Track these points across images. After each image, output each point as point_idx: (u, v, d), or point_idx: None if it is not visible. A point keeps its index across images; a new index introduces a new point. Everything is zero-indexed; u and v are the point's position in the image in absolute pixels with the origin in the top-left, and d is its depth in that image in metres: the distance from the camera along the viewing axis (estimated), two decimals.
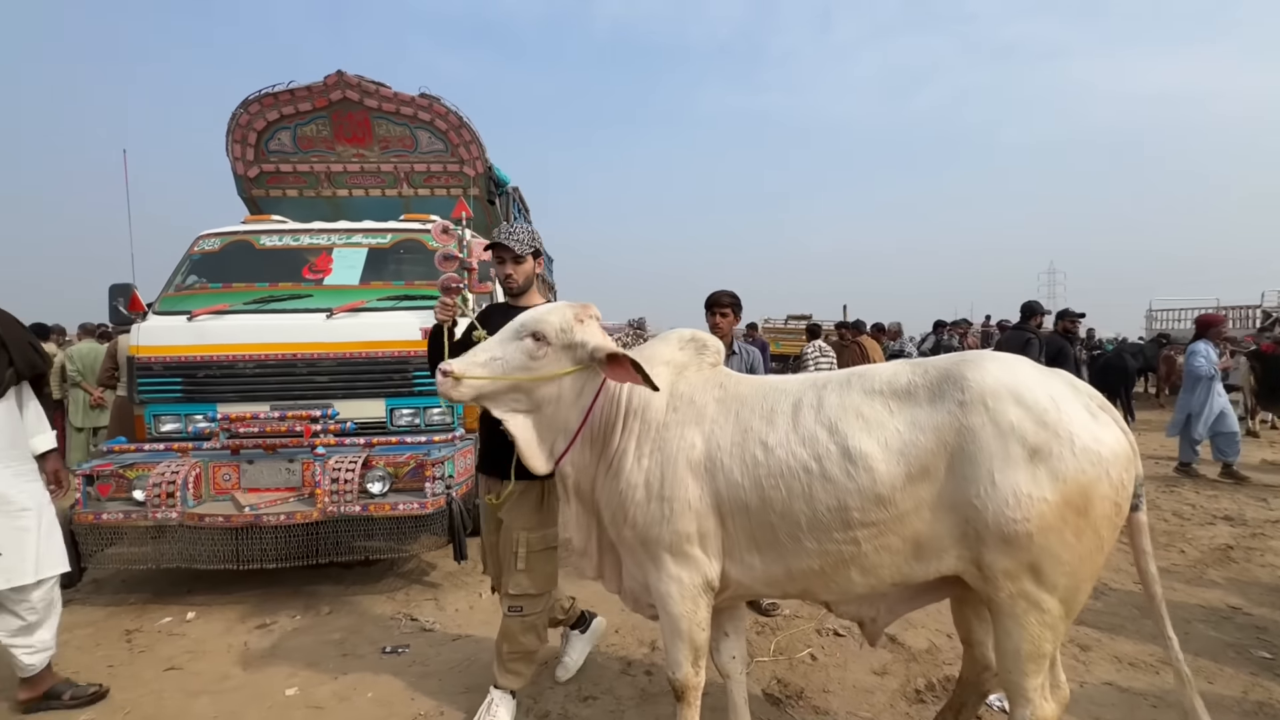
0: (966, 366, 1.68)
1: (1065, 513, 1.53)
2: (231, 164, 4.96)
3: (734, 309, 3.36)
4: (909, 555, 1.69)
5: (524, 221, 6.80)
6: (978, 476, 1.57)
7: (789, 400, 1.81)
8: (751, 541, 1.80)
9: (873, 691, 2.58)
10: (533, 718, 2.42)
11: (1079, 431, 1.56)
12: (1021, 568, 1.57)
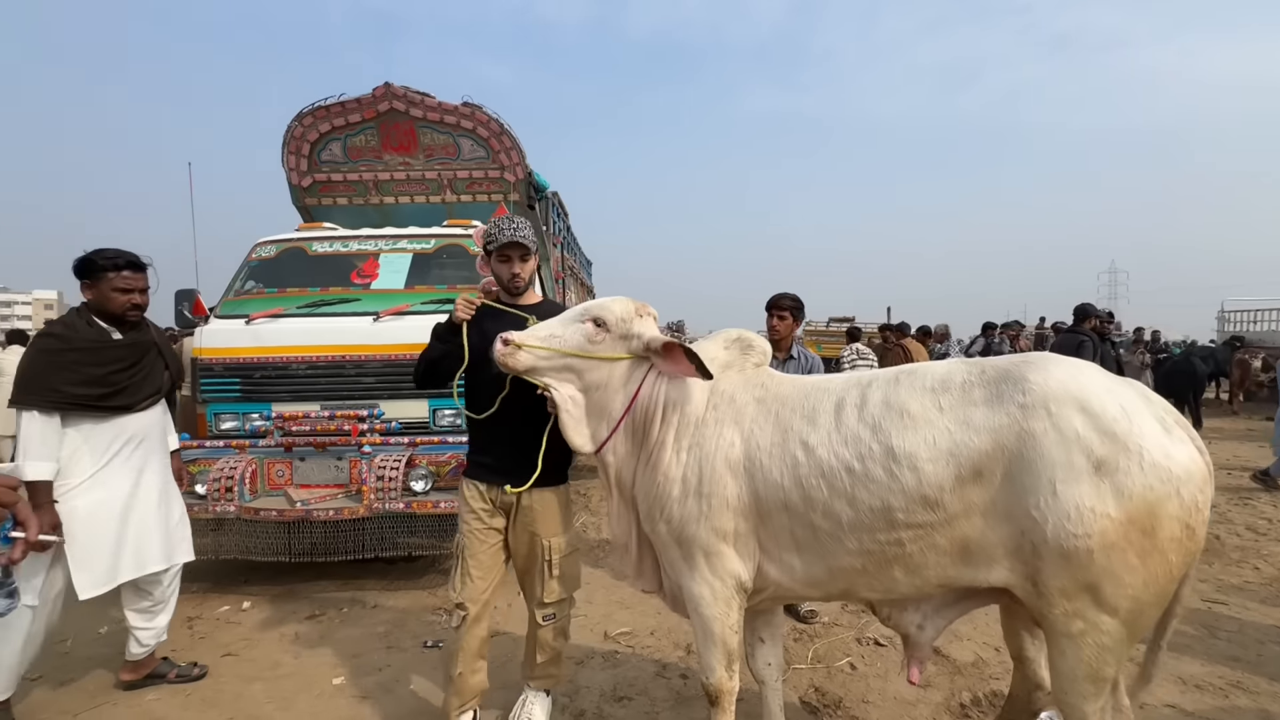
0: (1029, 368, 1.60)
1: (1130, 532, 1.44)
2: (286, 174, 5.18)
3: (793, 312, 3.30)
4: (956, 559, 1.62)
5: (563, 225, 6.88)
6: (1037, 486, 1.48)
7: (832, 399, 1.77)
8: (792, 541, 1.77)
9: (915, 704, 2.51)
10: (568, 716, 2.44)
11: (1149, 446, 1.45)
12: (1079, 586, 1.48)
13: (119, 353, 2.47)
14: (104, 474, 2.43)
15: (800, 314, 3.39)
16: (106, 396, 2.42)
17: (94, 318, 2.47)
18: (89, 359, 2.40)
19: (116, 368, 2.45)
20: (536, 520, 2.20)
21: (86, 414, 2.39)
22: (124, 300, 2.47)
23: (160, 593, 2.62)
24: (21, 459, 2.28)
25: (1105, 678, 1.55)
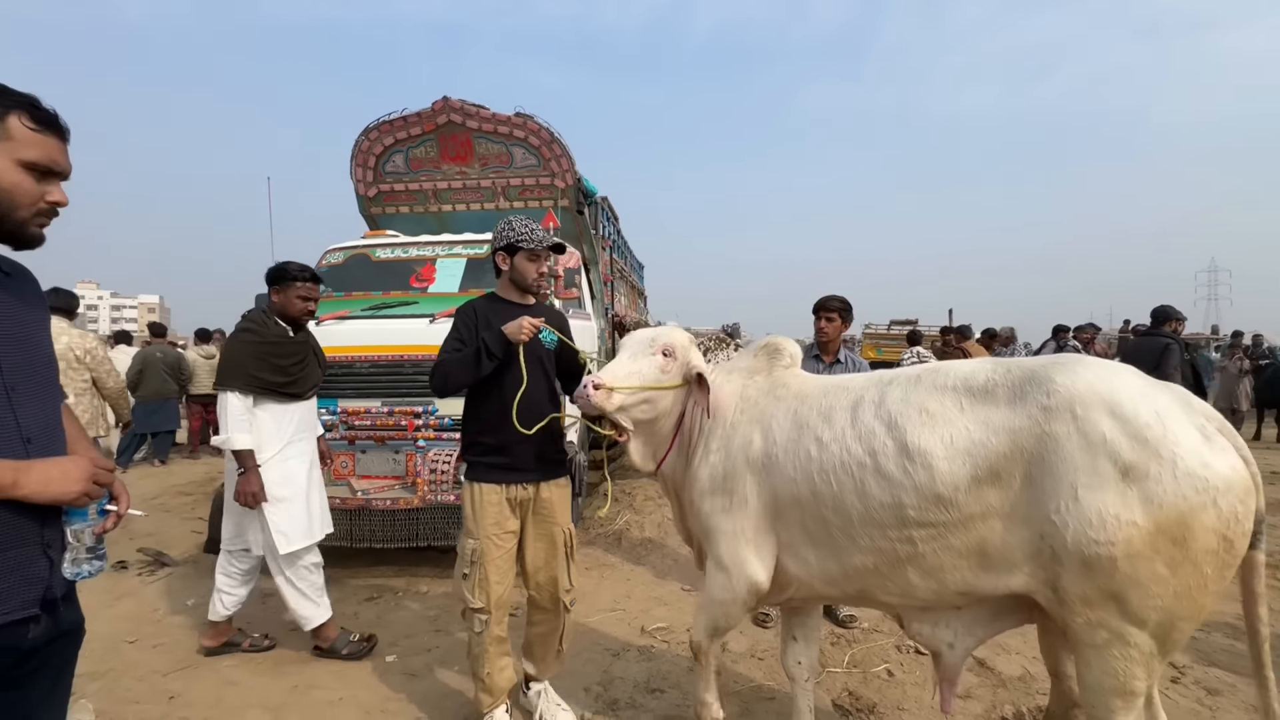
0: (1056, 369, 1.55)
1: (1158, 541, 1.38)
2: (354, 185, 5.53)
3: (841, 314, 3.29)
4: (974, 564, 1.59)
5: (613, 229, 7.01)
6: (1058, 490, 1.45)
7: (850, 397, 1.80)
8: (806, 536, 1.81)
9: (953, 715, 2.44)
10: (602, 704, 2.52)
11: (1184, 453, 1.39)
12: (1103, 595, 1.44)
13: (295, 348, 2.88)
14: (287, 450, 2.84)
15: (849, 316, 3.37)
16: (286, 384, 2.81)
17: (276, 319, 2.87)
18: (276, 351, 2.80)
19: (293, 361, 2.85)
20: (556, 512, 2.30)
21: (272, 398, 2.79)
22: (303, 306, 2.87)
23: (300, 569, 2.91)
24: (226, 433, 2.70)
25: (1134, 692, 1.49)
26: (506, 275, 2.32)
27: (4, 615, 1.11)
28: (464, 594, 2.19)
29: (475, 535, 2.19)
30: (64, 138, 1.21)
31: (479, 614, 2.18)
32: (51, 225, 1.24)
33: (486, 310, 2.27)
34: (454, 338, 2.24)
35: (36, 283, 1.32)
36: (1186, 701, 2.54)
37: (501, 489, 2.21)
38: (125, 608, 3.46)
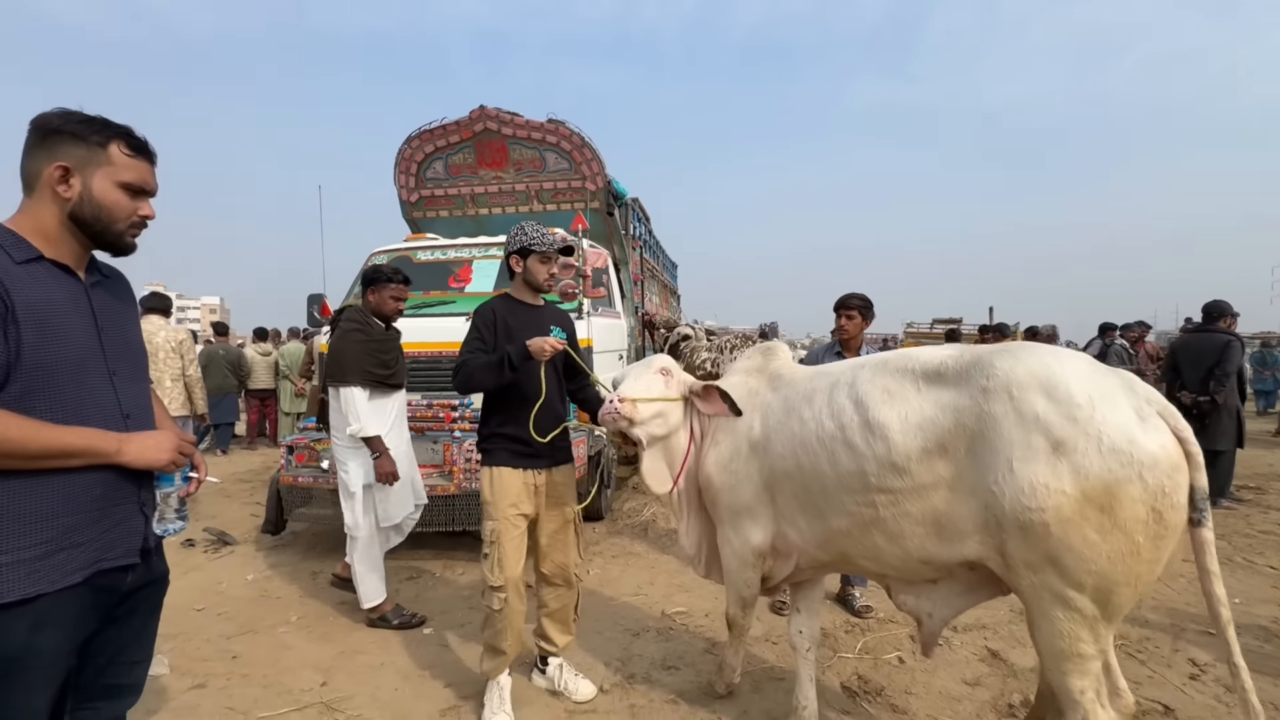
0: (1000, 355, 1.71)
1: (1086, 509, 1.50)
2: (398, 191, 5.85)
3: (861, 311, 3.37)
4: (931, 532, 1.75)
5: (644, 230, 7.17)
6: (997, 463, 1.59)
7: (829, 380, 2.03)
8: (797, 504, 2.05)
9: (960, 700, 2.52)
10: (621, 678, 2.68)
11: (1111, 431, 1.50)
12: (1041, 559, 1.56)
13: (391, 344, 3.19)
14: (391, 434, 3.13)
15: (869, 313, 3.43)
16: (389, 376, 3.12)
17: (375, 319, 3.16)
18: (380, 348, 3.10)
19: (392, 355, 3.16)
20: (565, 493, 2.49)
21: (378, 388, 3.08)
22: (395, 305, 3.17)
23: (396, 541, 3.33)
24: (357, 422, 3.00)
25: (1082, 655, 1.59)
26: (520, 277, 2.45)
27: (112, 561, 1.34)
28: (485, 573, 2.34)
29: (494, 517, 2.33)
30: (153, 161, 1.43)
31: (498, 591, 2.31)
32: None
33: (504, 311, 2.40)
34: (475, 338, 2.34)
35: (129, 284, 1.56)
36: (1204, 698, 2.53)
37: (519, 473, 2.36)
38: (193, 580, 3.80)
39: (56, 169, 1.29)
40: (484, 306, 2.44)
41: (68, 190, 1.30)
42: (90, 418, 1.31)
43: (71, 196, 1.30)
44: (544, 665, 2.60)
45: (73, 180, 1.30)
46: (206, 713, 2.42)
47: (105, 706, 1.46)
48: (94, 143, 1.31)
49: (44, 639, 1.24)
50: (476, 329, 2.36)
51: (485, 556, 2.34)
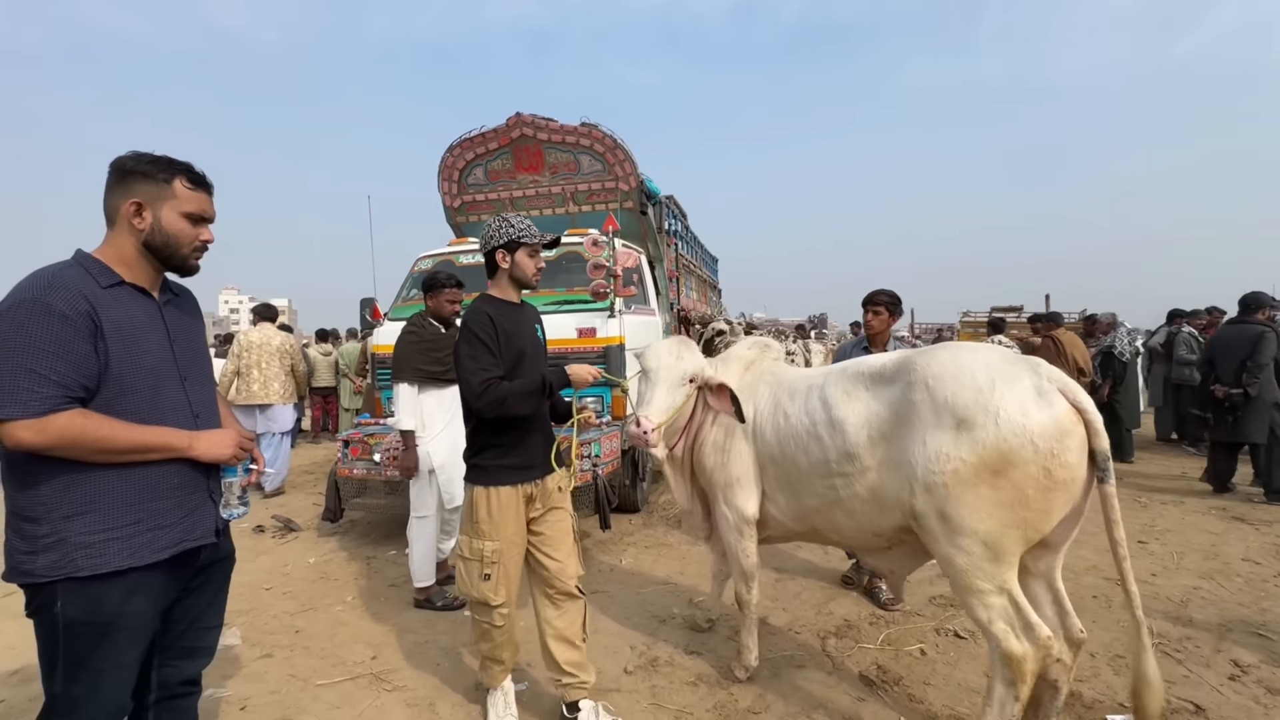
0: (920, 355, 2.08)
1: (981, 472, 1.83)
2: (441, 198, 6.13)
3: (889, 307, 3.43)
4: (875, 508, 2.11)
5: (680, 225, 7.24)
6: (914, 440, 1.95)
7: (809, 383, 2.39)
8: (778, 485, 2.43)
9: (978, 692, 2.53)
10: (644, 660, 2.82)
11: (1007, 408, 1.83)
12: (937, 514, 1.91)
13: (447, 342, 3.42)
14: (449, 427, 3.43)
15: (896, 309, 3.47)
16: (444, 372, 3.34)
17: (430, 320, 3.47)
18: (433, 347, 3.37)
19: (447, 352, 3.37)
20: (560, 499, 2.33)
21: (434, 385, 3.35)
22: (451, 309, 3.50)
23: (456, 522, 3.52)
24: (398, 414, 3.30)
25: (981, 590, 1.90)
26: (505, 273, 2.23)
27: (194, 541, 1.56)
28: (485, 595, 2.17)
29: (494, 537, 2.15)
30: (211, 192, 1.64)
31: (500, 609, 2.19)
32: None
33: (497, 316, 2.17)
34: (483, 351, 2.10)
35: (196, 301, 1.79)
36: (1240, 699, 2.46)
37: (517, 490, 2.19)
38: (263, 563, 4.17)
39: (132, 204, 1.51)
40: (475, 312, 2.17)
41: (142, 222, 1.52)
42: (166, 417, 1.53)
43: (145, 228, 1.52)
44: (574, 712, 2.29)
45: (145, 213, 1.52)
46: (272, 679, 2.70)
47: (185, 665, 1.70)
48: (161, 180, 1.53)
49: (135, 605, 1.47)
50: (479, 341, 2.10)
51: (487, 578, 2.16)
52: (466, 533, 2.23)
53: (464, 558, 2.23)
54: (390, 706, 2.49)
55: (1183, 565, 3.90)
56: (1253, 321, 5.39)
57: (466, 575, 2.23)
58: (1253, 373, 5.23)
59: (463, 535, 2.25)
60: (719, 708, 2.43)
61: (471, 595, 2.22)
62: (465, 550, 2.22)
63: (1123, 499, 5.44)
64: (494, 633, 2.24)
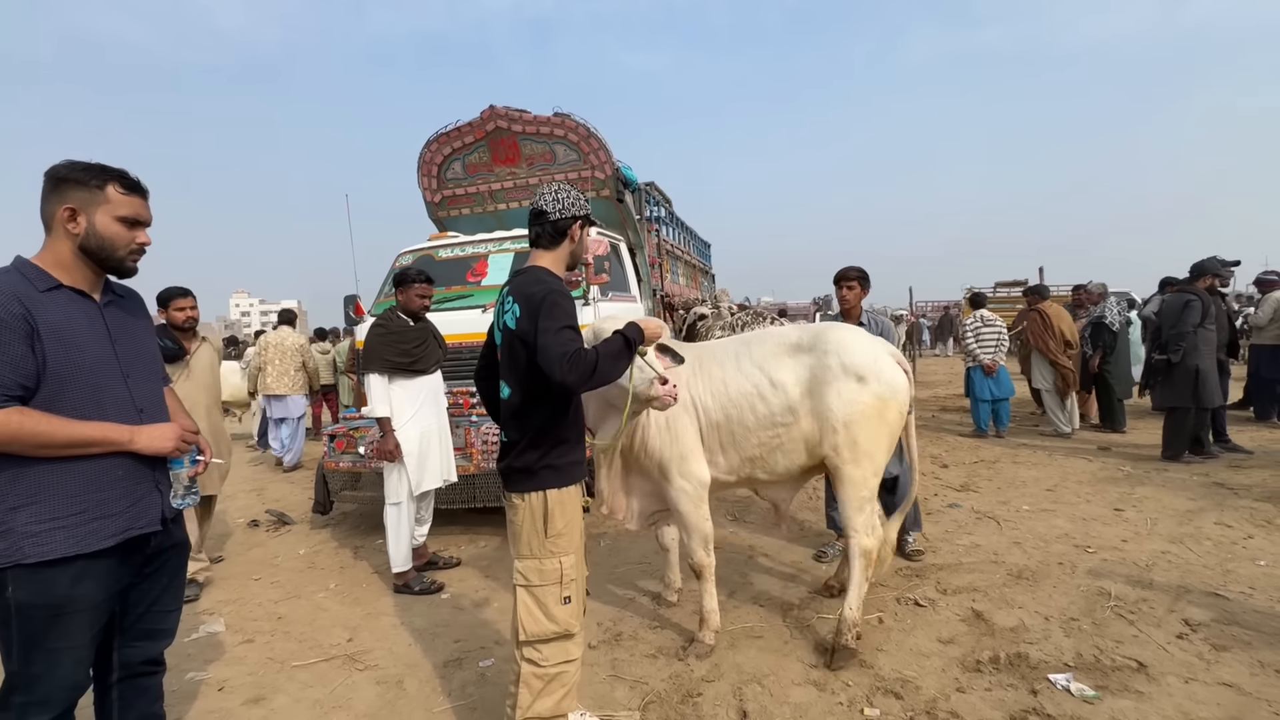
0: (826, 330, 2.76)
1: (871, 411, 2.61)
2: (422, 193, 6.20)
3: (860, 282, 3.59)
4: (804, 446, 2.69)
5: (663, 211, 7.26)
6: (830, 393, 2.62)
7: (731, 353, 2.79)
8: (719, 445, 2.73)
9: (929, 656, 2.60)
10: (610, 636, 2.90)
11: (884, 370, 2.66)
12: (850, 442, 2.61)
13: (416, 334, 3.59)
14: (419, 415, 3.59)
15: (866, 284, 3.61)
16: (412, 363, 3.51)
17: (400, 314, 3.61)
18: (401, 339, 3.53)
19: (415, 344, 3.55)
20: None
21: (403, 375, 3.50)
22: (420, 302, 3.62)
23: (428, 509, 3.76)
24: (371, 404, 3.46)
25: (864, 499, 2.65)
26: (566, 250, 1.97)
27: (139, 529, 1.66)
28: (569, 624, 1.87)
29: (568, 550, 1.88)
30: (145, 197, 1.70)
31: (574, 639, 1.91)
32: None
33: None
34: (570, 323, 1.80)
35: (142, 301, 1.87)
36: (1184, 655, 2.51)
37: (580, 486, 1.97)
38: (255, 555, 4.31)
39: (66, 210, 1.58)
40: (561, 285, 1.90)
41: (76, 227, 1.59)
42: (109, 413, 1.61)
43: (79, 232, 1.59)
44: None
45: (80, 218, 1.59)
46: (251, 662, 2.82)
47: (146, 645, 1.80)
48: (94, 185, 1.60)
49: (83, 589, 1.56)
50: (566, 311, 1.81)
51: (568, 600, 1.87)
52: (534, 554, 1.88)
53: (532, 585, 1.87)
54: (361, 684, 2.60)
55: (1155, 531, 3.93)
56: (1188, 290, 5.56)
57: (538, 607, 1.86)
58: (1173, 340, 5.44)
59: (527, 560, 1.89)
60: (675, 677, 2.52)
61: (547, 631, 1.85)
62: (533, 577, 1.87)
63: (1108, 469, 5.46)
64: (569, 673, 1.89)
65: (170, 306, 3.57)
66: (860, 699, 2.33)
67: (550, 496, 1.88)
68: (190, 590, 3.48)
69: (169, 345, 3.49)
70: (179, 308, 3.57)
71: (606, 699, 2.40)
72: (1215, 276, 5.64)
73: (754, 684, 2.45)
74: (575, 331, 1.81)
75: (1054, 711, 2.19)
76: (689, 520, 2.68)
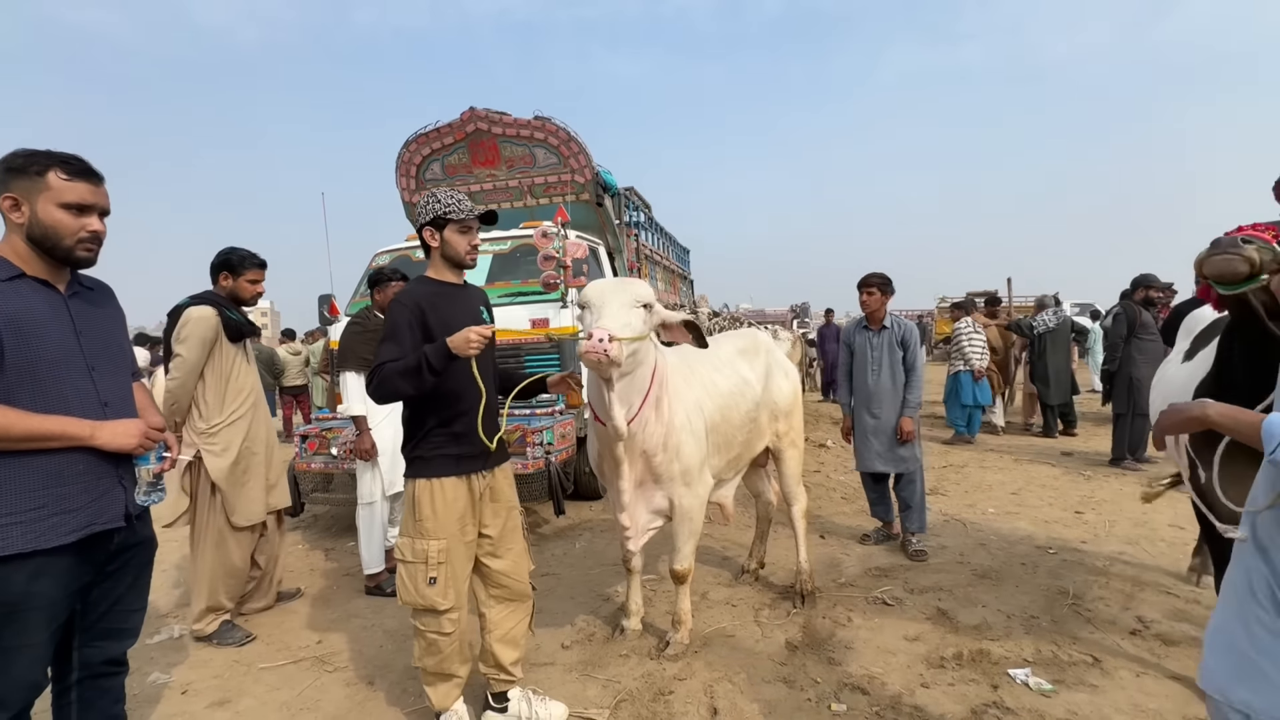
0: (756, 335, 3.45)
1: (796, 400, 3.29)
2: (400, 193, 6.16)
3: (880, 288, 3.81)
4: (759, 434, 3.08)
5: (642, 216, 7.31)
6: (773, 385, 3.15)
7: (713, 361, 2.93)
8: (716, 448, 2.78)
9: (895, 653, 2.66)
10: (583, 636, 2.91)
11: (790, 369, 3.33)
12: (789, 425, 3.24)
13: None
14: (393, 415, 3.39)
15: (888, 289, 3.85)
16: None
17: (376, 313, 3.59)
18: (375, 338, 3.45)
19: None
20: (509, 492, 2.25)
21: None
22: None
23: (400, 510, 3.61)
24: (347, 403, 3.44)
25: (800, 471, 3.37)
26: (438, 252, 2.11)
27: (101, 525, 1.62)
28: (433, 600, 2.01)
29: (438, 535, 2.02)
30: (96, 182, 1.62)
31: (449, 614, 2.04)
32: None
33: (427, 297, 2.07)
34: (389, 339, 2.00)
35: (112, 293, 1.83)
36: (1136, 650, 2.61)
37: (464, 480, 2.07)
38: None
39: (6, 200, 1.55)
40: (401, 297, 2.07)
41: (20, 216, 1.55)
42: (71, 407, 1.58)
43: (22, 221, 1.55)
44: (501, 703, 2.26)
45: (22, 207, 1.55)
46: (216, 665, 2.76)
47: (108, 645, 1.76)
48: (34, 173, 1.55)
49: (41, 586, 1.53)
50: (393, 327, 2.01)
51: (433, 581, 2.01)
52: (407, 533, 2.07)
53: (405, 561, 2.05)
54: (330, 686, 2.57)
55: (1113, 533, 4.07)
56: (1124, 303, 6.00)
57: (409, 581, 2.04)
58: (1109, 350, 5.94)
59: (403, 538, 2.08)
60: (647, 676, 2.53)
61: (416, 602, 2.04)
62: (407, 553, 2.05)
63: (1070, 474, 5.63)
64: (442, 642, 2.06)
65: (242, 277, 3.03)
66: (828, 694, 2.37)
67: (418, 485, 2.06)
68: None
69: (240, 320, 3.03)
70: (253, 279, 3.07)
71: (578, 698, 2.41)
72: (1149, 289, 5.96)
73: (725, 681, 2.48)
74: (396, 346, 1.98)
75: (1013, 705, 2.26)
76: (696, 526, 2.69)
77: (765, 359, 3.17)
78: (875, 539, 4.02)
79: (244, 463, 3.00)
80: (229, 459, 2.94)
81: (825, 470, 6.06)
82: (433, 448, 2.07)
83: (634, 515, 2.56)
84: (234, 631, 2.98)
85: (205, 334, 2.87)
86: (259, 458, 3.07)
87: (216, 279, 3.04)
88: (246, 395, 3.05)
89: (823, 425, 8.33)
